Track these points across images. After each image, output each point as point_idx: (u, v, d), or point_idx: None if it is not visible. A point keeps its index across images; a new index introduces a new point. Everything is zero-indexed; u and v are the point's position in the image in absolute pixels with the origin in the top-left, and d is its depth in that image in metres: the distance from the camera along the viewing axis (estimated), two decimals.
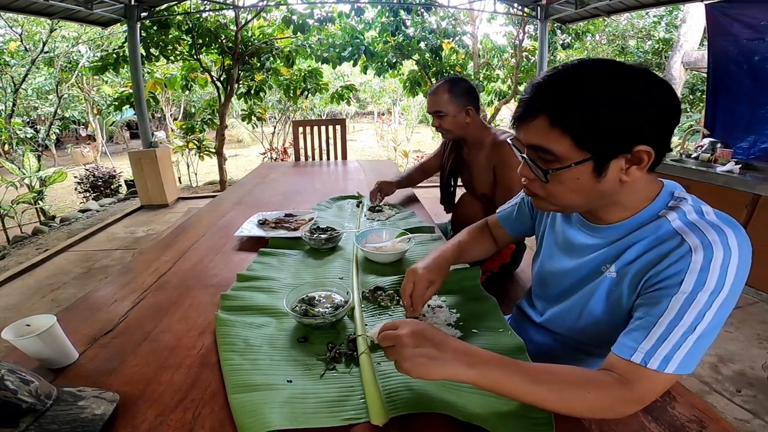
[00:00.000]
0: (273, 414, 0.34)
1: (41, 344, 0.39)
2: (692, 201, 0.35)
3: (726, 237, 0.31)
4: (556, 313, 0.44)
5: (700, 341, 0.30)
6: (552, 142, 0.33)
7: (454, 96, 0.82)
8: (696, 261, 0.30)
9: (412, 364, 0.30)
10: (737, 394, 0.95)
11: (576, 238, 0.42)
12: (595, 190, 0.34)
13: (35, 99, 4.71)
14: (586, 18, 2.80)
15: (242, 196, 1.13)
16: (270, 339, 0.45)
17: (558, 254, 0.45)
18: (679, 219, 0.34)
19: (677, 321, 0.30)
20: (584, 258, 0.40)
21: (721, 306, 0.30)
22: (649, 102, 0.31)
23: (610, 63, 0.33)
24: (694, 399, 0.37)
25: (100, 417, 0.33)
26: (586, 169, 0.33)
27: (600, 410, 0.31)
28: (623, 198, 0.36)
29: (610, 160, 0.33)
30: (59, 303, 1.50)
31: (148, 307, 0.53)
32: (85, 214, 2.77)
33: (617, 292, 0.37)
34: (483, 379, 0.30)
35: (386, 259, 0.64)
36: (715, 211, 0.34)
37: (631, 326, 0.33)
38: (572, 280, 0.42)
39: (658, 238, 0.34)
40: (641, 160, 0.32)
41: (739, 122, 1.70)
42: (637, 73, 0.32)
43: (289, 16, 2.78)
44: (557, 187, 0.35)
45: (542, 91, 0.33)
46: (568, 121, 0.32)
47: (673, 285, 0.31)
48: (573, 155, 0.33)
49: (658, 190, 0.36)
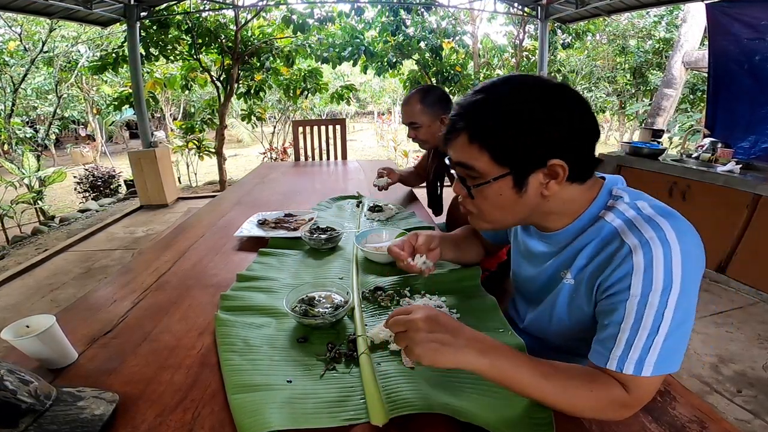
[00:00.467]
0: (273, 414, 0.33)
1: (41, 344, 0.39)
2: (629, 196, 0.35)
3: (663, 231, 0.31)
4: (531, 319, 0.45)
5: (669, 340, 0.30)
6: (473, 159, 0.35)
7: (426, 106, 0.81)
8: (638, 263, 0.30)
9: (424, 350, 0.30)
10: (738, 394, 0.95)
11: (534, 247, 0.43)
12: (520, 204, 0.36)
13: (34, 99, 4.71)
14: (586, 17, 2.80)
15: (242, 196, 1.13)
16: (270, 339, 0.45)
17: (522, 262, 0.46)
18: (617, 218, 0.34)
19: (638, 325, 0.30)
20: (543, 265, 0.41)
21: (679, 301, 0.29)
22: (562, 118, 0.33)
23: (528, 80, 0.34)
24: (695, 399, 0.36)
25: (100, 417, 0.33)
26: (507, 184, 0.35)
27: (600, 411, 0.31)
28: (556, 208, 0.37)
29: (528, 175, 0.34)
30: (59, 303, 1.50)
31: (147, 307, 0.53)
32: (85, 214, 2.77)
33: (577, 298, 0.37)
34: (492, 369, 0.30)
35: (386, 259, 0.64)
36: (651, 203, 0.34)
37: (599, 334, 0.33)
38: (536, 286, 0.43)
39: (602, 241, 0.35)
40: (557, 174, 0.34)
41: (740, 122, 1.70)
42: (552, 90, 0.33)
43: (289, 15, 2.78)
44: (483, 204, 0.37)
45: (463, 110, 0.35)
46: (484, 138, 0.34)
47: (622, 290, 0.31)
48: (492, 170, 0.35)
49: (595, 193, 0.37)
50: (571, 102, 0.33)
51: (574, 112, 0.33)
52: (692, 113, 4.20)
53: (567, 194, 0.36)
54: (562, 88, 0.34)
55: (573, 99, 0.34)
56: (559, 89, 0.34)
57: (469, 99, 0.35)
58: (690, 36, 3.31)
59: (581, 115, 0.33)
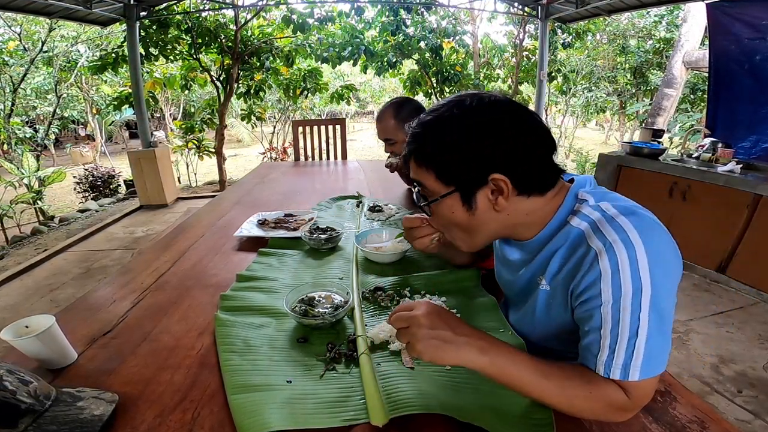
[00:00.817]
0: (272, 415, 0.33)
1: (40, 345, 0.39)
2: (593, 198, 0.35)
3: (626, 232, 0.30)
4: (517, 322, 0.45)
5: (651, 342, 0.29)
6: (422, 177, 0.37)
7: (400, 121, 0.80)
8: (605, 268, 0.30)
9: (425, 346, 0.30)
10: (738, 394, 0.95)
11: (509, 254, 0.43)
12: (475, 221, 0.36)
13: (34, 98, 4.70)
14: (586, 17, 2.81)
15: (242, 196, 1.12)
16: (270, 339, 0.45)
17: (501, 268, 0.47)
18: (583, 221, 0.34)
19: (617, 330, 0.30)
20: (518, 272, 0.42)
21: (653, 302, 0.29)
22: (496, 134, 0.33)
23: (468, 98, 0.35)
24: (695, 400, 0.36)
25: (99, 417, 0.33)
26: (455, 202, 0.36)
27: (599, 412, 0.31)
28: (519, 220, 0.37)
29: (474, 192, 0.35)
30: (58, 303, 1.50)
31: (147, 307, 0.53)
32: (84, 214, 2.77)
33: (554, 305, 0.37)
34: (492, 366, 0.30)
35: (386, 259, 0.64)
36: (615, 203, 0.34)
37: (584, 340, 0.33)
38: (516, 291, 0.44)
39: (571, 245, 0.34)
40: (501, 189, 0.34)
41: (741, 122, 1.70)
42: (489, 106, 0.34)
43: (289, 15, 2.78)
44: (440, 221, 0.39)
45: (411, 134, 0.37)
46: (426, 159, 0.36)
47: (594, 296, 0.31)
48: (440, 189, 0.36)
49: (561, 199, 0.36)
50: (509, 115, 0.34)
51: (512, 127, 0.34)
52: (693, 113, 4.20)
53: (526, 206, 0.36)
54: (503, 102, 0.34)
55: (513, 112, 0.34)
56: (497, 104, 0.34)
57: (418, 121, 0.37)
58: (690, 36, 3.31)
59: (521, 131, 0.34)
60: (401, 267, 0.63)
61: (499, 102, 0.35)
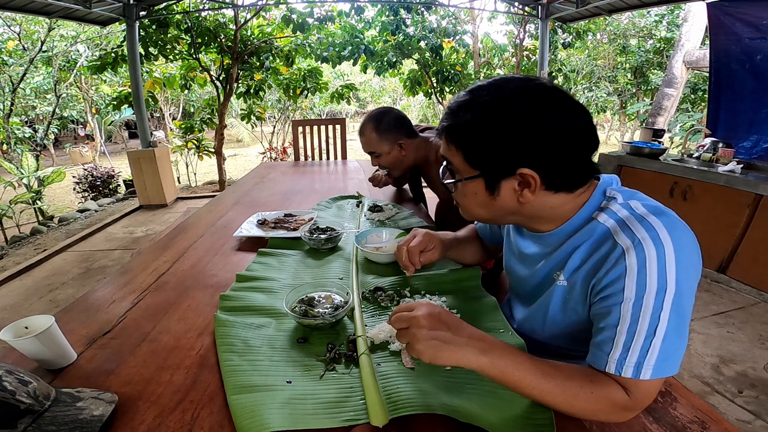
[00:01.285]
0: (272, 415, 0.33)
1: (39, 345, 0.39)
2: (622, 196, 0.35)
3: (656, 231, 0.30)
4: (524, 319, 0.45)
5: (667, 342, 0.29)
6: (451, 156, 0.37)
7: (381, 134, 0.80)
8: (631, 264, 0.30)
9: (425, 347, 0.30)
10: (739, 395, 0.95)
11: (525, 247, 0.43)
12: (496, 206, 0.36)
13: (33, 98, 4.70)
14: (587, 17, 2.80)
15: (241, 196, 1.12)
16: (269, 340, 0.45)
17: (514, 262, 0.46)
18: (610, 218, 0.33)
19: (634, 327, 0.30)
20: (536, 266, 0.41)
21: (675, 302, 0.29)
22: (537, 129, 0.32)
23: (513, 85, 0.33)
24: (696, 400, 0.36)
25: (99, 418, 0.33)
26: (479, 186, 0.36)
27: (600, 412, 0.31)
28: (542, 213, 0.37)
29: (499, 181, 0.35)
30: (57, 303, 1.50)
31: (146, 307, 0.53)
32: (84, 214, 2.76)
33: (571, 300, 0.37)
34: (492, 367, 0.30)
35: (386, 259, 0.64)
36: (644, 202, 0.33)
37: (596, 337, 0.33)
38: (529, 287, 0.43)
39: (595, 242, 0.34)
40: (528, 183, 0.33)
41: (742, 122, 1.70)
42: (533, 98, 0.32)
43: (289, 15, 2.78)
44: (463, 199, 0.39)
45: (448, 109, 0.37)
46: (457, 139, 0.35)
47: (616, 293, 0.31)
48: (466, 170, 0.36)
49: (588, 196, 0.36)
50: (552, 112, 0.32)
51: (551, 123, 0.32)
52: (693, 113, 4.20)
53: (552, 201, 0.35)
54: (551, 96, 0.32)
55: (553, 108, 0.32)
56: (545, 98, 0.32)
57: (456, 99, 0.36)
58: (691, 35, 3.30)
59: (560, 127, 0.32)
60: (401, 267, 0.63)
61: (542, 91, 0.33)
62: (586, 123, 0.33)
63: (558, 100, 0.33)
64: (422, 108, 6.48)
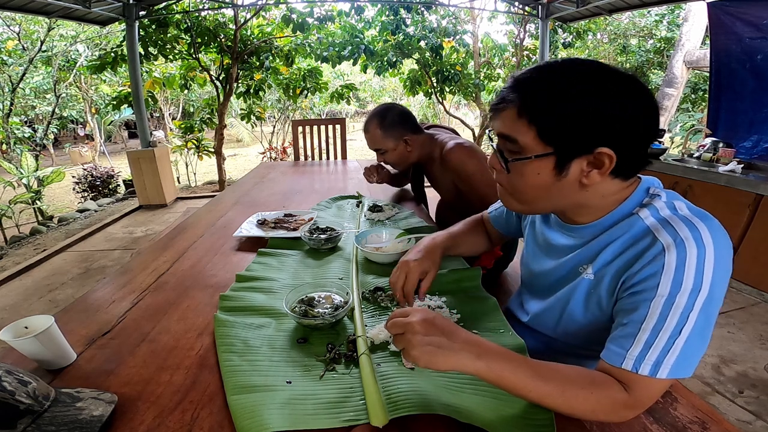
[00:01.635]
0: (272, 415, 0.33)
1: (39, 345, 0.39)
2: (666, 196, 0.35)
3: (699, 232, 0.30)
4: (538, 314, 0.44)
5: (690, 343, 0.29)
6: (518, 133, 0.34)
7: (386, 131, 0.79)
8: (669, 261, 0.30)
9: (420, 352, 0.30)
10: (739, 395, 0.95)
11: (554, 239, 0.42)
12: (556, 188, 0.34)
13: (33, 98, 4.70)
14: (587, 16, 2.80)
15: (241, 195, 1.12)
16: (269, 340, 0.45)
17: (538, 254, 0.45)
18: (652, 216, 0.33)
19: (661, 325, 0.29)
20: (562, 258, 0.40)
21: (705, 305, 0.29)
22: (620, 107, 0.31)
23: (594, 63, 0.32)
24: (696, 400, 0.36)
25: (99, 418, 0.33)
26: (547, 165, 0.34)
27: (600, 413, 0.31)
28: (591, 201, 0.36)
29: (572, 159, 0.33)
30: (57, 303, 1.50)
31: (146, 307, 0.53)
32: (83, 214, 2.76)
33: (596, 295, 0.36)
34: (489, 371, 0.30)
35: (386, 259, 0.64)
36: (688, 205, 0.34)
37: (617, 332, 0.32)
38: (551, 280, 0.42)
39: (632, 237, 0.34)
40: (602, 164, 0.32)
41: (742, 121, 1.70)
42: (617, 78, 0.32)
43: (289, 14, 2.77)
44: (518, 181, 0.36)
45: (518, 83, 0.34)
46: (534, 113, 0.33)
47: (650, 288, 0.30)
48: (536, 148, 0.33)
49: (632, 190, 0.36)
50: (634, 94, 0.31)
51: (637, 104, 0.31)
52: (693, 113, 4.19)
53: (606, 188, 0.34)
54: (630, 78, 0.32)
55: (638, 91, 0.31)
56: (625, 79, 0.31)
57: (525, 73, 0.34)
58: (691, 35, 3.30)
59: (643, 109, 0.31)
60: None
61: (620, 72, 0.32)
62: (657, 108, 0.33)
63: (636, 81, 0.32)
64: (422, 108, 6.48)
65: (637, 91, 0.32)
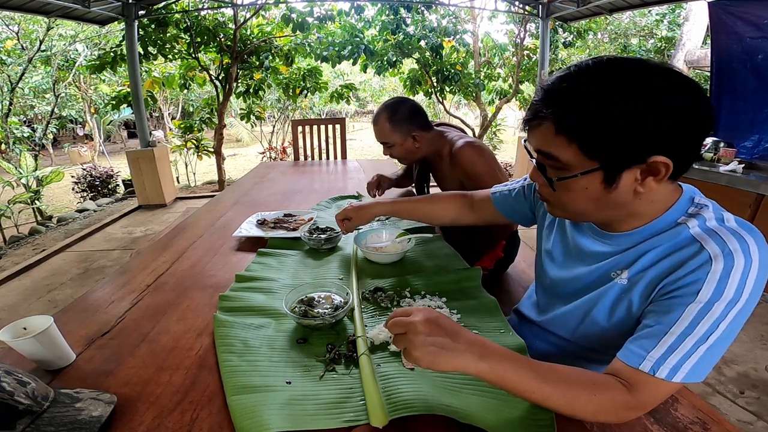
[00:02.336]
0: (272, 416, 0.33)
1: (38, 345, 0.39)
2: (713, 207, 0.34)
3: (747, 245, 0.30)
4: (558, 316, 0.44)
5: (711, 350, 0.29)
6: (558, 150, 0.32)
7: (395, 125, 0.79)
8: (715, 270, 0.29)
9: (422, 353, 0.29)
10: (740, 395, 0.94)
11: (587, 246, 0.40)
12: (607, 200, 0.32)
13: (32, 98, 4.69)
14: (587, 16, 2.79)
15: (241, 195, 1.12)
16: (269, 340, 0.45)
17: (569, 260, 0.43)
18: (699, 226, 0.32)
19: (690, 330, 0.29)
20: (594, 265, 0.39)
21: (737, 316, 0.29)
22: (669, 110, 0.28)
23: (628, 63, 0.29)
24: (697, 401, 0.36)
25: (98, 419, 0.33)
26: (595, 179, 0.31)
27: (603, 414, 0.31)
28: (640, 208, 0.34)
29: (622, 171, 0.31)
30: (56, 304, 1.50)
31: (145, 308, 0.53)
32: (83, 214, 2.76)
33: (626, 299, 0.36)
34: (491, 373, 0.30)
35: (386, 259, 0.64)
36: (735, 218, 0.33)
37: (640, 333, 0.32)
38: (579, 285, 0.41)
39: (676, 245, 0.32)
40: (658, 172, 0.30)
41: (744, 121, 1.69)
42: (658, 75, 0.29)
43: (289, 14, 2.77)
44: (566, 195, 0.34)
45: (549, 95, 0.32)
46: (573, 129, 0.30)
47: (689, 294, 0.30)
48: (580, 164, 0.31)
49: (677, 197, 0.34)
50: (680, 89, 0.28)
51: (686, 101, 0.28)
52: None
53: (657, 193, 0.33)
54: (668, 72, 0.29)
55: (682, 84, 0.28)
56: (665, 74, 0.28)
57: (556, 83, 0.31)
58: (692, 35, 3.30)
59: (694, 106, 0.28)
60: (401, 267, 0.63)
61: (670, 68, 0.29)
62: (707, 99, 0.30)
63: (673, 72, 0.29)
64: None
65: (682, 84, 0.29)
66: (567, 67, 0.32)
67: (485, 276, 0.80)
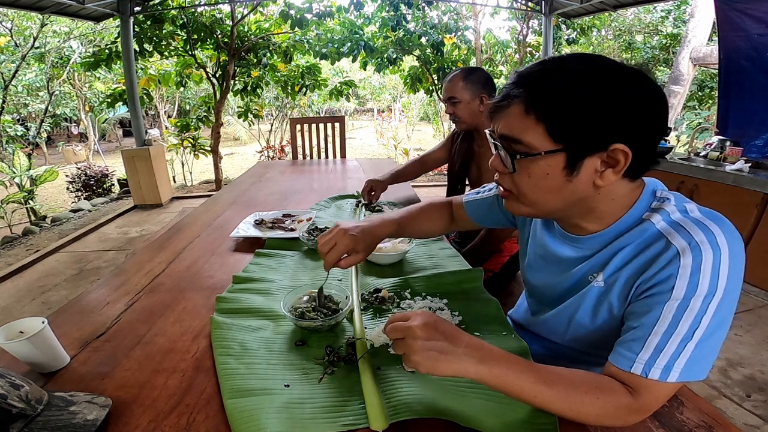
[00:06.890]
0: (270, 420, 0.33)
1: (32, 348, 0.38)
2: (675, 199, 0.34)
3: (713, 235, 0.30)
4: (547, 320, 0.44)
5: (701, 346, 0.29)
6: (525, 130, 0.32)
7: (468, 83, 0.82)
8: (685, 265, 0.29)
9: (422, 358, 0.29)
10: (747, 398, 0.93)
11: (559, 251, 0.40)
12: (566, 190, 0.33)
13: (25, 96, 4.63)
14: (591, 12, 2.77)
15: (238, 195, 1.11)
16: (266, 342, 0.44)
17: (542, 267, 0.43)
18: (663, 220, 0.32)
19: (673, 329, 0.29)
20: (569, 271, 0.39)
21: (718, 308, 0.29)
22: (634, 101, 0.30)
23: (599, 57, 0.32)
24: (703, 404, 0.36)
25: (93, 422, 0.32)
26: (557, 164, 0.32)
27: (605, 417, 0.31)
28: (601, 206, 0.34)
29: (584, 157, 0.31)
30: (50, 305, 1.48)
31: (141, 309, 0.52)
32: (77, 214, 2.73)
33: (606, 302, 0.36)
34: (491, 376, 0.29)
35: (386, 260, 0.63)
36: (699, 207, 0.33)
37: (626, 336, 0.32)
38: (558, 291, 0.41)
39: (644, 242, 0.33)
40: (617, 162, 0.31)
41: (753, 120, 1.65)
42: (628, 71, 0.31)
43: (287, 10, 2.74)
44: (525, 182, 0.34)
45: (522, 78, 0.32)
46: (542, 107, 0.31)
47: (664, 291, 0.30)
48: (545, 145, 0.31)
49: (639, 193, 0.35)
50: (645, 87, 0.30)
51: (648, 98, 0.30)
52: (700, 111, 4.18)
53: (617, 190, 0.33)
54: (639, 71, 0.31)
55: (650, 84, 0.31)
56: (635, 72, 0.31)
57: (530, 68, 0.32)
58: (698, 31, 3.26)
59: (654, 103, 0.30)
60: (401, 268, 0.62)
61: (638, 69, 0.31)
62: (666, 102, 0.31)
63: (643, 75, 0.31)
64: (423, 105, 6.45)
65: (647, 84, 0.31)
66: (542, 60, 0.33)
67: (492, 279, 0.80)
